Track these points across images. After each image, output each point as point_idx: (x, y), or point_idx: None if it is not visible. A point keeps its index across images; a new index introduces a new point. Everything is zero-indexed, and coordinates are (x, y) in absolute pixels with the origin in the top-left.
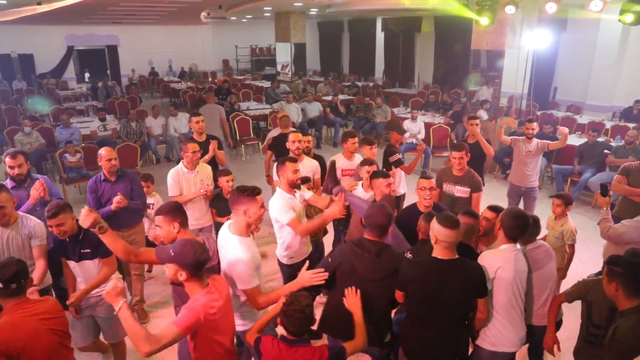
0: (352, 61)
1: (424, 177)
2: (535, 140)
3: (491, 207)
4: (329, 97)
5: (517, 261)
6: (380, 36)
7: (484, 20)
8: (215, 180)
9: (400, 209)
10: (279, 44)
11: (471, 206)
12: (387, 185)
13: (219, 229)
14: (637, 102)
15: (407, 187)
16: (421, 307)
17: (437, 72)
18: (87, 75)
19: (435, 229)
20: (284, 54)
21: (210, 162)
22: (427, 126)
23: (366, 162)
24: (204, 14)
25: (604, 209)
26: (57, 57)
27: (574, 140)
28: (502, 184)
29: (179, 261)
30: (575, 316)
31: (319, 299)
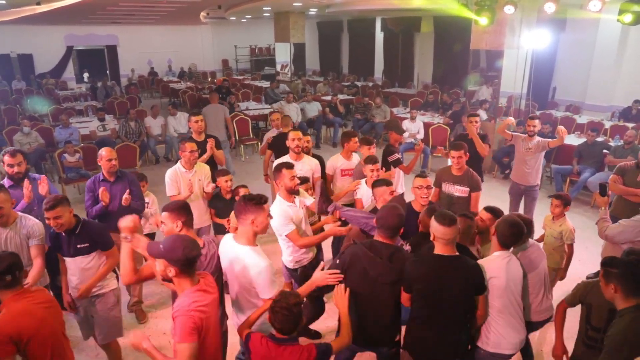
0: (351, 61)
1: (420, 175)
2: (536, 138)
3: (487, 208)
4: (328, 97)
5: (509, 269)
6: (379, 36)
7: (483, 20)
8: (213, 180)
9: None
10: (279, 44)
11: (470, 206)
12: (390, 193)
13: (217, 229)
14: (636, 102)
15: (405, 186)
16: (425, 306)
17: (437, 72)
18: (86, 75)
19: (432, 226)
20: (283, 54)
21: (208, 161)
22: (427, 126)
23: (370, 160)
24: (203, 14)
25: (603, 209)
26: (57, 57)
27: (573, 140)
28: (501, 183)
29: (168, 257)
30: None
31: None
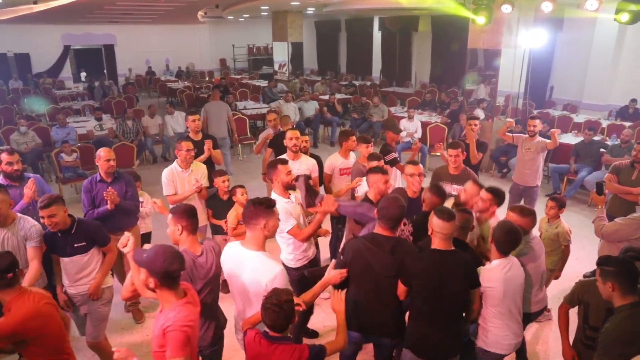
0: (349, 60)
1: (412, 163)
2: (537, 138)
3: (488, 189)
4: (326, 97)
5: (508, 278)
6: (377, 35)
7: (481, 19)
8: (210, 180)
9: None
10: (276, 43)
11: None
12: (385, 181)
13: (215, 230)
14: (633, 101)
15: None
16: (425, 303)
17: (434, 71)
18: (84, 75)
19: (432, 221)
20: (281, 53)
21: (206, 161)
22: (424, 125)
23: (374, 157)
24: (201, 13)
25: (599, 207)
26: (54, 57)
27: (570, 138)
28: (498, 182)
29: (149, 267)
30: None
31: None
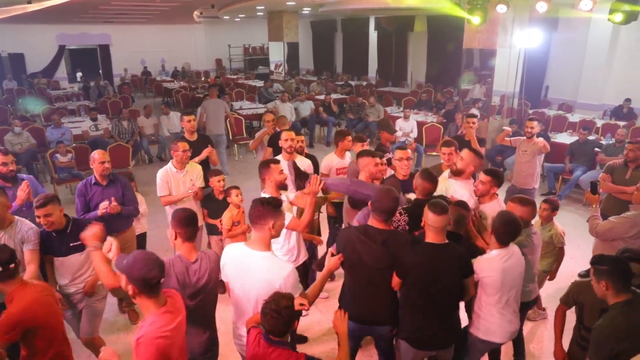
0: (345, 60)
1: (401, 147)
2: (534, 140)
3: (487, 171)
4: (321, 97)
5: (507, 268)
6: (373, 35)
7: (476, 19)
8: (206, 180)
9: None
10: (272, 43)
11: None
12: (375, 164)
13: (210, 230)
14: (627, 100)
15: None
16: (420, 296)
17: (430, 71)
18: (80, 75)
19: (425, 214)
20: (277, 53)
21: (202, 161)
22: (420, 125)
23: (359, 139)
24: (196, 13)
25: (594, 206)
26: (49, 57)
27: (565, 138)
28: None
29: (127, 274)
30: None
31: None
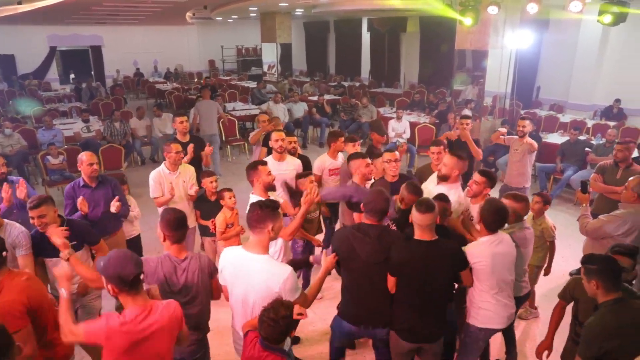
0: (338, 61)
1: (389, 150)
2: (526, 139)
3: (481, 172)
4: (315, 98)
5: (497, 252)
6: (366, 36)
7: (468, 20)
8: (199, 181)
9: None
10: (265, 44)
11: None
12: (366, 165)
13: (203, 231)
14: (617, 101)
15: None
16: (410, 290)
17: (423, 72)
18: (72, 76)
19: (412, 213)
20: (270, 55)
21: (194, 162)
22: (413, 126)
23: (350, 139)
24: (189, 14)
25: (584, 206)
26: (40, 58)
27: (556, 138)
28: None
29: (103, 273)
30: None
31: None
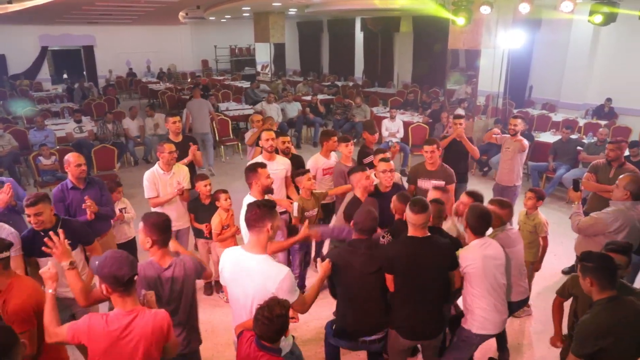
0: (331, 61)
1: (384, 160)
2: (517, 137)
3: (468, 193)
4: (308, 97)
5: (487, 254)
6: (359, 36)
7: (460, 20)
8: (192, 183)
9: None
10: (259, 44)
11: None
12: (367, 177)
13: (197, 233)
14: (608, 100)
15: None
16: (405, 285)
17: (416, 72)
18: (65, 76)
19: (406, 212)
20: (263, 54)
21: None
22: (406, 125)
23: (379, 151)
24: (182, 14)
25: (576, 204)
26: (31, 58)
27: (548, 137)
28: (479, 180)
29: (99, 273)
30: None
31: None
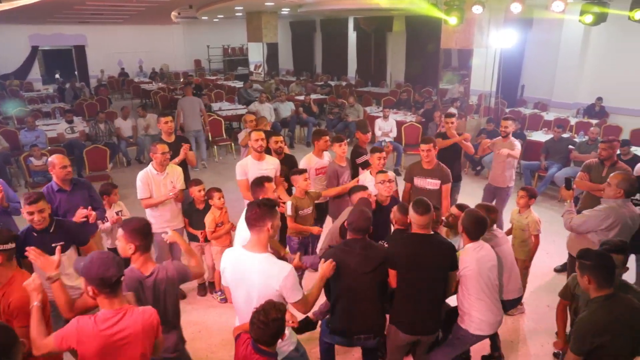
0: (324, 61)
1: (381, 171)
2: (509, 139)
3: (458, 206)
4: (301, 97)
5: (481, 257)
6: (352, 36)
7: (453, 19)
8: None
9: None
10: (251, 44)
11: (441, 197)
12: (368, 195)
13: (191, 237)
14: (599, 99)
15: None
16: (406, 281)
17: (409, 71)
18: (57, 76)
19: (410, 213)
20: (256, 54)
21: (181, 163)
22: (399, 124)
23: (376, 150)
24: (174, 13)
25: (568, 202)
26: (21, 58)
27: (540, 136)
28: (472, 180)
29: (85, 275)
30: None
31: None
